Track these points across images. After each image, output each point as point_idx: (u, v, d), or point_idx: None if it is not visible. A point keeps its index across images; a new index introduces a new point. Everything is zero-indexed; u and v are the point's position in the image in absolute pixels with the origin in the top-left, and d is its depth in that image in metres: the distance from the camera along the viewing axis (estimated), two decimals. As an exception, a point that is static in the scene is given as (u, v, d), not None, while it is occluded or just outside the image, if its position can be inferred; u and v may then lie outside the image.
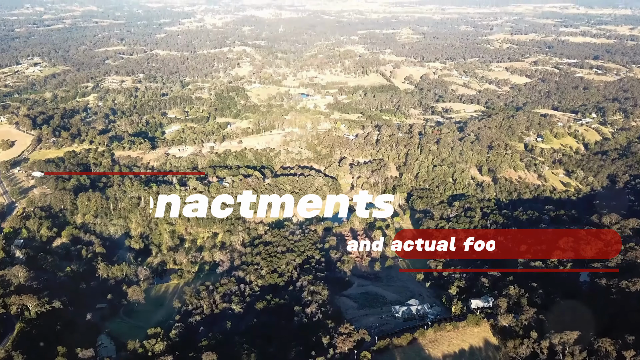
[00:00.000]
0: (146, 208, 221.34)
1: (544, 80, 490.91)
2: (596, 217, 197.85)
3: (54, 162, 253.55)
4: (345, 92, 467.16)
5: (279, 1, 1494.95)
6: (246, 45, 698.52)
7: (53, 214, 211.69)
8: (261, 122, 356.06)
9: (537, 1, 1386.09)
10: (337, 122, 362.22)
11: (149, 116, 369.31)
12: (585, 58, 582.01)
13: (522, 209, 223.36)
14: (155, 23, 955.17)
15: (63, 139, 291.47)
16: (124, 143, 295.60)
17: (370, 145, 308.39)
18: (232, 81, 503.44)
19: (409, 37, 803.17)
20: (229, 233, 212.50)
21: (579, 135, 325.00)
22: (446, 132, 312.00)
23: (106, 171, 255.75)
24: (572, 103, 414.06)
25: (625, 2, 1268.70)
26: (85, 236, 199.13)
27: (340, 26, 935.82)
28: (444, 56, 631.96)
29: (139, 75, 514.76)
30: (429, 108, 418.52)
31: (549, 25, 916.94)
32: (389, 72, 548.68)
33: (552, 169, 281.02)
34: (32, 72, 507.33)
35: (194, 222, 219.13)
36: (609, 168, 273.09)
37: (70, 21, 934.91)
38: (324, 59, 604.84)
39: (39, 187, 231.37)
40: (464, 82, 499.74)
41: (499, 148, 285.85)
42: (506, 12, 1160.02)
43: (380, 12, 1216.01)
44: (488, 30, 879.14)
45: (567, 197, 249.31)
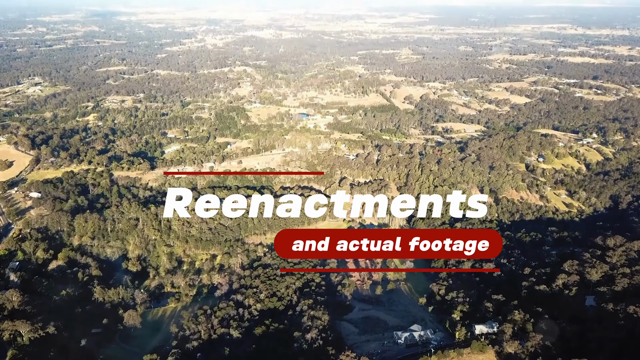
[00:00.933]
0: (144, 229, 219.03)
1: (543, 100, 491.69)
2: (600, 239, 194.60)
3: (52, 183, 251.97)
4: (345, 112, 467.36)
5: (279, 22, 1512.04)
6: (247, 65, 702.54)
7: (50, 235, 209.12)
8: (261, 142, 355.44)
9: (535, 22, 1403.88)
10: (337, 142, 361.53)
11: (149, 136, 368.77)
12: (584, 78, 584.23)
13: (524, 230, 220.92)
14: (157, 43, 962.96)
15: (62, 159, 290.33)
16: (123, 163, 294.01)
17: (370, 165, 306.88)
18: (232, 101, 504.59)
19: (408, 57, 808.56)
20: (228, 255, 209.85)
21: (581, 156, 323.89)
22: (447, 152, 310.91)
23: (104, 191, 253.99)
24: (573, 123, 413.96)
25: (623, 23, 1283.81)
26: (81, 258, 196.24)
27: (340, 46, 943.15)
28: (444, 76, 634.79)
29: (139, 95, 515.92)
30: (429, 128, 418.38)
31: (548, 46, 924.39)
32: (389, 92, 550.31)
33: (554, 190, 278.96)
34: (33, 92, 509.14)
35: (192, 244, 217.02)
36: (611, 189, 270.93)
37: (72, 41, 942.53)
38: (324, 79, 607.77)
39: (36, 208, 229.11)
40: (464, 102, 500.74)
41: (500, 168, 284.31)
42: (505, 33, 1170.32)
43: (380, 32, 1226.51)
44: (487, 50, 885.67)
45: (570, 219, 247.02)
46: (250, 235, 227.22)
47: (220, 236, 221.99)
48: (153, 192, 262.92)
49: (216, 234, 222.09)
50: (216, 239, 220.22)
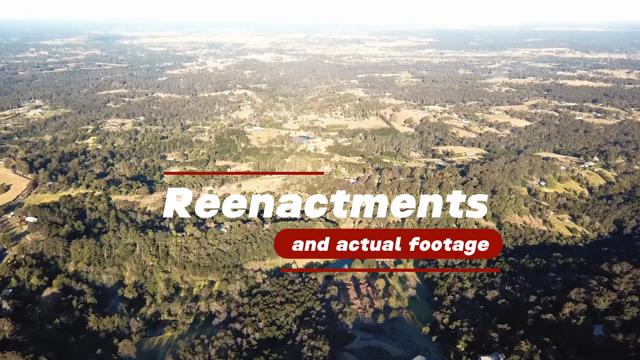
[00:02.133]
0: (141, 255, 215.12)
1: (544, 123, 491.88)
2: (606, 266, 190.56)
3: (49, 207, 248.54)
4: (345, 135, 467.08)
5: (280, 46, 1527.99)
6: (247, 89, 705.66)
7: (45, 261, 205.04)
8: (261, 166, 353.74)
9: (533, 46, 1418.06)
10: (337, 165, 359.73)
11: (148, 159, 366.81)
12: (584, 101, 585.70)
13: (528, 256, 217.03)
14: (158, 66, 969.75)
15: (59, 183, 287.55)
16: (122, 187, 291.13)
17: (371, 188, 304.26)
18: (232, 124, 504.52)
19: (408, 81, 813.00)
20: (226, 282, 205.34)
21: (583, 179, 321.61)
22: (448, 176, 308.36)
23: (102, 216, 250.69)
24: (574, 146, 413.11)
25: (620, 47, 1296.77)
26: (77, 285, 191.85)
27: (340, 70, 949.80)
28: (444, 99, 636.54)
29: (139, 118, 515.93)
30: (430, 151, 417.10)
31: (547, 69, 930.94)
32: (389, 115, 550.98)
33: (557, 214, 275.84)
34: (33, 115, 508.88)
35: (190, 270, 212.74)
36: (615, 213, 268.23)
37: (74, 64, 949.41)
38: (324, 102, 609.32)
39: (32, 233, 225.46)
40: (464, 125, 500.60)
41: (503, 192, 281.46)
42: (503, 56, 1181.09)
43: (380, 56, 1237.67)
44: (486, 73, 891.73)
45: (574, 244, 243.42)
46: (249, 261, 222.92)
47: (219, 262, 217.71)
48: (151, 217, 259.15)
49: (214, 260, 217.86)
50: (214, 264, 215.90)
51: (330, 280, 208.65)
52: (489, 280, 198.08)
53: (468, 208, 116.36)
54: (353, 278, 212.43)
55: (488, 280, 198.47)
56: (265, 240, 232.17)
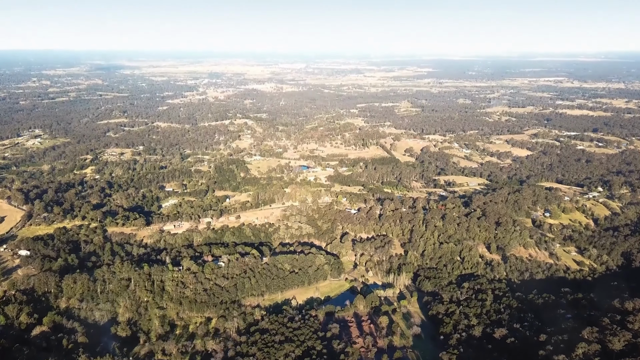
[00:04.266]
0: (136, 290, 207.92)
1: (545, 152, 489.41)
2: (618, 303, 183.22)
3: (43, 240, 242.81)
4: (346, 165, 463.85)
5: (280, 76, 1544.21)
6: (247, 118, 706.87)
7: (36, 297, 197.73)
8: (260, 196, 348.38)
9: (531, 75, 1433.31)
10: (338, 195, 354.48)
11: (146, 190, 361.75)
12: (584, 130, 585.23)
13: (536, 291, 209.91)
14: (159, 96, 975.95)
15: (55, 214, 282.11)
16: (118, 219, 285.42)
17: (373, 220, 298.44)
18: (232, 153, 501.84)
19: (407, 110, 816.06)
20: (224, 319, 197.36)
21: (588, 210, 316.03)
22: (451, 207, 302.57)
23: (97, 249, 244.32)
24: (576, 176, 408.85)
25: (618, 77, 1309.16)
26: (68, 323, 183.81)
27: (340, 99, 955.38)
28: (444, 128, 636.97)
29: (138, 148, 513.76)
30: (431, 181, 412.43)
31: (546, 98, 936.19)
32: (389, 145, 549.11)
33: (564, 246, 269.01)
34: (32, 144, 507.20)
35: (186, 306, 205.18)
36: (622, 245, 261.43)
37: (75, 94, 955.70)
38: (325, 132, 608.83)
39: (24, 267, 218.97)
40: (465, 154, 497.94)
41: (507, 224, 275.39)
42: (502, 86, 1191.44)
43: (379, 86, 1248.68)
44: (486, 103, 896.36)
45: (582, 278, 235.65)
46: (247, 297, 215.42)
47: (216, 297, 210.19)
48: (147, 249, 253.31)
49: (211, 296, 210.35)
50: (211, 300, 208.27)
51: (331, 317, 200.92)
52: (496, 317, 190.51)
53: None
54: (355, 315, 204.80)
55: (495, 317, 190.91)
56: (264, 274, 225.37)
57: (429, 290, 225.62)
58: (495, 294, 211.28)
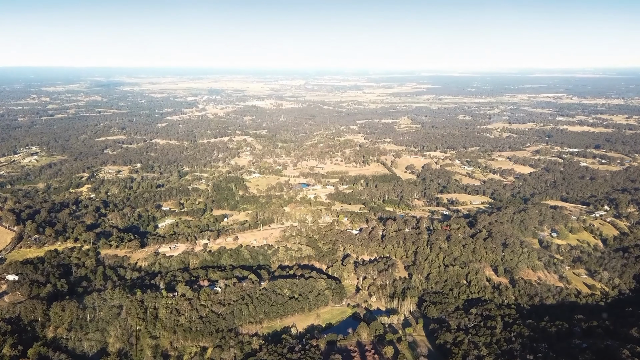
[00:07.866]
0: (128, 318, 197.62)
1: (548, 169, 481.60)
2: (636, 331, 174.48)
3: (33, 263, 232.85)
4: (346, 182, 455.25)
5: (279, 92, 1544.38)
6: (247, 135, 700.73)
7: (21, 327, 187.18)
8: (259, 215, 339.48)
9: (530, 91, 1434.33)
10: (339, 214, 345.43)
11: (142, 209, 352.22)
12: (586, 147, 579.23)
13: (548, 318, 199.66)
14: (158, 112, 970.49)
15: (46, 236, 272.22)
16: (112, 240, 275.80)
17: (375, 241, 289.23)
18: (231, 171, 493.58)
19: (407, 127, 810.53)
20: (220, 348, 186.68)
21: (595, 230, 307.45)
22: (456, 228, 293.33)
23: (88, 273, 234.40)
24: (581, 194, 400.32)
25: (617, 93, 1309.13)
26: (54, 355, 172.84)
27: (340, 116, 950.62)
28: (445, 145, 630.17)
29: (136, 165, 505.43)
30: (434, 199, 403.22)
31: (546, 114, 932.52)
32: (390, 162, 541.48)
33: (573, 269, 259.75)
34: (29, 162, 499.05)
35: (180, 335, 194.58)
36: (633, 267, 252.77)
37: (74, 111, 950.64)
38: (325, 148, 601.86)
39: (11, 293, 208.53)
40: (467, 172, 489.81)
41: (514, 245, 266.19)
42: (502, 102, 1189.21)
43: (379, 102, 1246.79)
44: (486, 119, 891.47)
45: (594, 302, 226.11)
46: (244, 324, 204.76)
47: (212, 325, 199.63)
48: (141, 273, 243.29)
49: (207, 323, 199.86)
50: (207, 328, 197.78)
51: (333, 347, 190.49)
52: (507, 347, 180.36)
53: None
54: (358, 344, 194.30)
55: (507, 346, 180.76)
56: (263, 300, 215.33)
57: (435, 316, 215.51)
58: (505, 321, 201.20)
